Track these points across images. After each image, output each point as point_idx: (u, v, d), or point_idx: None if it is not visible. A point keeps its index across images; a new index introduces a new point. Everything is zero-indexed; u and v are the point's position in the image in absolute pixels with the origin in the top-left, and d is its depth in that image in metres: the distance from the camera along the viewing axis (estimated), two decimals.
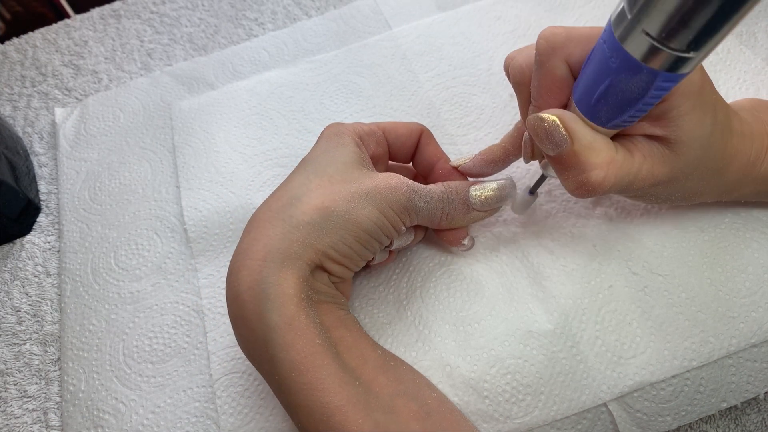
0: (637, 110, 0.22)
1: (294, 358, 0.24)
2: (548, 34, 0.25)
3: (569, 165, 0.25)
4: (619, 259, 0.31)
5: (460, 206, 0.30)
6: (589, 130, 0.24)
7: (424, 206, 0.28)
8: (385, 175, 0.28)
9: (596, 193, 0.25)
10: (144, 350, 0.34)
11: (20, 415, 0.34)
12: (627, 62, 0.21)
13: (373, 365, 0.26)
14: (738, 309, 0.30)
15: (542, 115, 0.24)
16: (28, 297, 0.38)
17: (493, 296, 0.31)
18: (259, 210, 0.28)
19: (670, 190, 0.27)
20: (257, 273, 0.25)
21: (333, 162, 0.28)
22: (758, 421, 0.31)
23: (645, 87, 0.21)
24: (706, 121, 0.25)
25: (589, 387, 0.29)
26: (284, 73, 0.45)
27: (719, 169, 0.27)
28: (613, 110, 0.23)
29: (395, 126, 0.32)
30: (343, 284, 0.29)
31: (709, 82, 0.25)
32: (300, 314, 0.24)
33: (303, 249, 0.26)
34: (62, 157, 0.44)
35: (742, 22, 0.17)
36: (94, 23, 0.55)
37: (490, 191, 0.30)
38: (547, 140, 0.24)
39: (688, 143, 0.25)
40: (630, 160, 0.25)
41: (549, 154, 0.25)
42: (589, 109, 0.24)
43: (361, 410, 0.23)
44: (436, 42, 0.45)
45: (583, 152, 0.24)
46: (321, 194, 0.26)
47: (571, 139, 0.24)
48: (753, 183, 0.28)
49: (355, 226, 0.26)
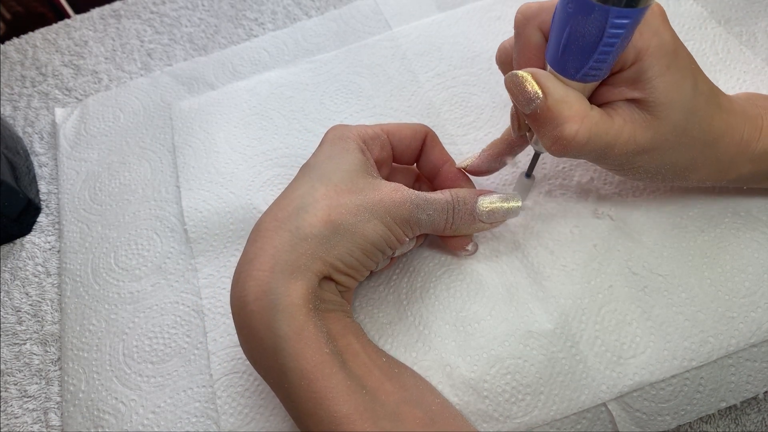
0: (600, 54, 0.23)
1: (303, 368, 0.24)
2: (523, 8, 0.27)
3: (544, 120, 0.25)
4: (619, 259, 0.31)
5: (467, 216, 0.30)
6: (561, 85, 0.25)
7: (427, 219, 0.28)
8: (390, 188, 0.28)
9: (571, 147, 0.25)
10: (144, 350, 0.34)
11: (20, 414, 0.34)
12: (580, 3, 0.22)
13: (378, 372, 0.26)
14: (737, 309, 0.30)
15: (516, 72, 0.25)
16: (28, 297, 0.38)
17: (493, 296, 0.31)
18: (265, 218, 0.28)
19: (658, 161, 0.27)
20: (265, 283, 0.25)
21: (338, 169, 0.28)
22: (758, 421, 0.31)
23: (600, 26, 0.22)
24: (684, 85, 0.25)
25: (588, 387, 0.29)
26: (284, 73, 0.45)
27: (709, 143, 0.27)
28: (577, 58, 0.24)
29: (399, 128, 0.32)
30: (348, 293, 0.29)
31: (684, 49, 0.26)
32: (309, 324, 0.25)
33: (311, 261, 0.26)
34: (62, 157, 0.44)
35: (742, 22, 0.17)
36: (94, 23, 0.55)
37: (498, 203, 0.30)
38: (521, 97, 0.25)
39: (668, 105, 0.25)
40: (608, 120, 0.25)
41: (526, 113, 0.26)
42: (558, 61, 0.25)
43: (368, 419, 0.23)
44: (436, 42, 0.45)
45: (555, 105, 0.25)
46: (327, 206, 0.27)
47: (544, 94, 0.25)
48: (750, 162, 0.28)
49: (361, 239, 0.27)
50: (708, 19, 0.42)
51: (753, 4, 0.43)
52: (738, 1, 0.43)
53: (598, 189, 0.34)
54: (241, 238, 0.37)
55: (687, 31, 0.42)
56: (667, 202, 0.33)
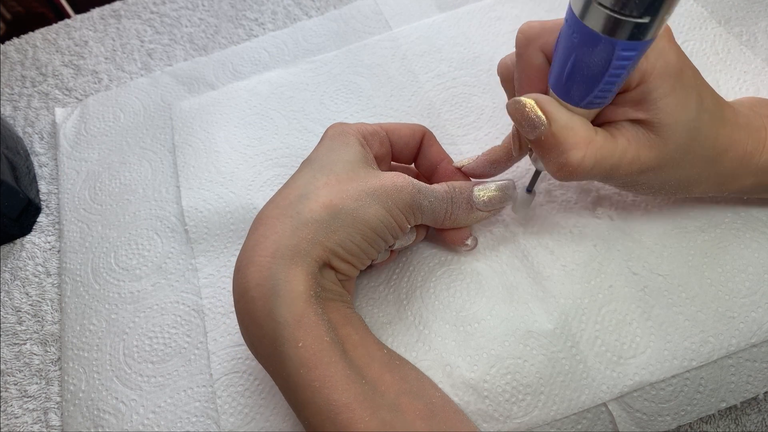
0: (605, 84, 0.23)
1: (302, 355, 0.24)
2: (525, 27, 0.26)
3: (549, 147, 0.25)
4: (619, 259, 0.31)
5: (464, 206, 0.30)
6: (565, 111, 0.25)
7: (429, 205, 0.29)
8: (391, 174, 0.28)
9: (577, 173, 0.25)
10: (144, 350, 0.34)
11: (20, 414, 0.34)
12: (586, 35, 0.21)
13: (379, 363, 0.26)
14: (738, 309, 0.30)
15: (520, 99, 0.25)
16: (28, 297, 0.38)
17: (493, 296, 0.31)
18: (266, 207, 0.28)
19: (662, 178, 0.27)
20: (266, 269, 0.25)
21: (339, 160, 0.28)
22: (758, 421, 0.31)
23: (607, 58, 0.21)
24: (689, 104, 0.25)
25: (588, 387, 0.29)
26: (284, 73, 0.45)
27: (713, 158, 0.27)
28: (582, 87, 0.23)
29: (398, 127, 0.32)
30: (348, 282, 0.29)
31: (690, 66, 0.25)
32: (309, 311, 0.25)
33: (312, 246, 0.26)
34: (62, 157, 0.44)
35: (743, 22, 0.17)
36: (94, 23, 0.55)
37: (493, 191, 0.31)
38: (525, 123, 0.25)
39: (673, 126, 0.25)
40: (612, 142, 0.25)
41: (530, 139, 0.26)
42: (562, 88, 0.24)
43: (367, 408, 0.23)
44: (437, 42, 0.45)
45: (560, 132, 0.24)
46: (329, 192, 0.27)
47: (548, 121, 0.24)
48: (753, 175, 0.28)
49: (362, 224, 0.26)
50: (708, 19, 0.42)
51: (753, 4, 0.43)
52: (738, 1, 0.43)
53: (598, 189, 0.35)
54: (241, 238, 0.37)
55: (687, 31, 0.42)
56: (667, 203, 0.33)
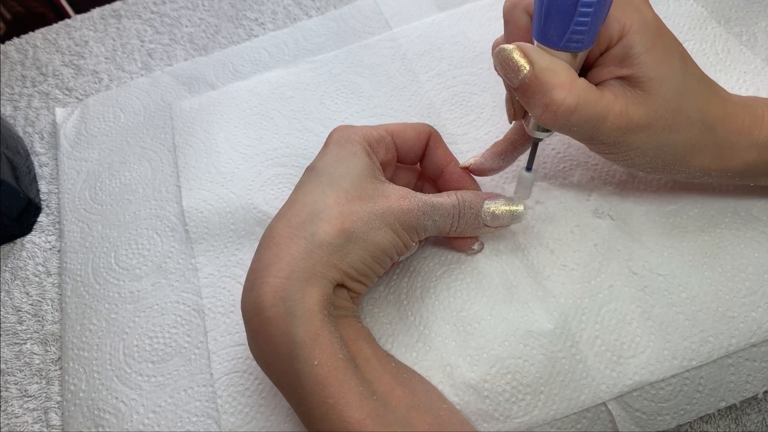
0: (579, 17, 0.24)
1: (318, 373, 0.24)
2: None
3: (533, 90, 0.26)
4: (619, 259, 0.32)
5: (472, 220, 0.30)
6: (547, 54, 0.26)
7: (432, 224, 0.29)
8: (398, 195, 0.28)
9: (562, 113, 0.25)
10: (144, 350, 0.34)
11: (21, 414, 0.34)
12: None
13: (389, 377, 0.26)
14: (738, 309, 0.30)
15: (503, 46, 0.26)
16: (28, 297, 0.38)
17: (493, 296, 0.31)
18: (278, 224, 0.28)
19: (656, 141, 0.27)
20: (282, 290, 0.25)
21: (347, 174, 0.28)
22: (758, 421, 0.31)
23: None
24: (672, 62, 0.26)
25: (588, 386, 0.29)
26: (284, 73, 0.45)
27: (707, 125, 0.27)
28: (558, 24, 0.25)
29: (404, 129, 0.32)
30: (358, 298, 0.30)
31: (668, 31, 0.27)
32: (323, 330, 0.25)
33: (326, 268, 0.26)
34: (63, 157, 0.44)
35: (743, 22, 0.17)
36: (94, 23, 0.55)
37: (504, 207, 0.30)
38: (509, 69, 0.26)
39: (658, 80, 0.26)
40: (597, 92, 0.26)
41: (515, 86, 0.26)
42: (541, 31, 0.26)
43: (379, 425, 0.24)
44: (437, 42, 0.45)
45: (542, 74, 0.25)
46: (340, 213, 0.27)
47: (531, 64, 0.25)
48: (755, 150, 0.28)
49: (373, 247, 0.27)
50: (708, 19, 0.42)
51: (753, 4, 0.43)
52: (738, 1, 0.43)
53: (598, 189, 0.35)
54: (241, 237, 0.37)
55: (687, 31, 0.42)
56: (667, 202, 0.33)
